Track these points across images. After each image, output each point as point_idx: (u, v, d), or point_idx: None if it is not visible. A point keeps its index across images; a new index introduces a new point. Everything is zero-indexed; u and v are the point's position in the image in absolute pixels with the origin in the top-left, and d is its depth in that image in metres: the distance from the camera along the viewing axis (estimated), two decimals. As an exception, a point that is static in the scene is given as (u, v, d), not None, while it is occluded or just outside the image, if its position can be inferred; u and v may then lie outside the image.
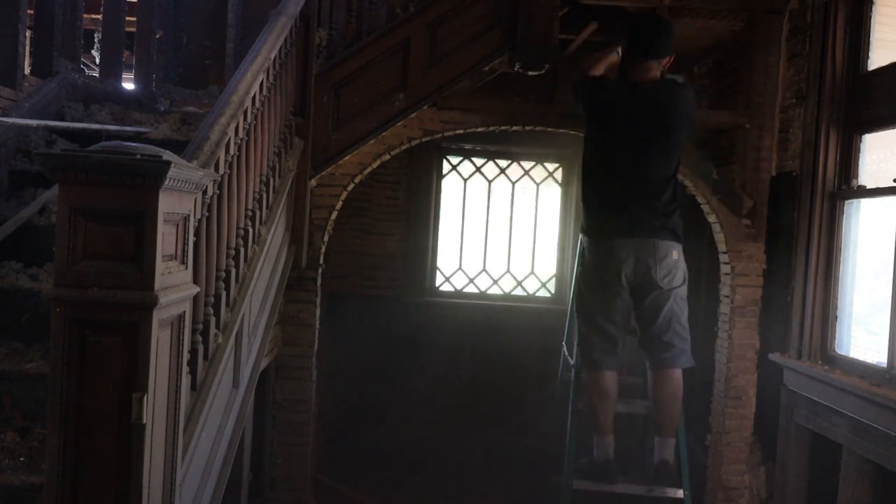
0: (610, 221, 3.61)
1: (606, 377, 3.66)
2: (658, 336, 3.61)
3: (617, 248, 3.55)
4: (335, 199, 4.40)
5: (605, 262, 3.60)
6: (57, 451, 1.75)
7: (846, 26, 3.94)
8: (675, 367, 3.62)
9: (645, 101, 3.55)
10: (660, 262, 3.52)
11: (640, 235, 3.53)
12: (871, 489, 3.58)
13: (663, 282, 3.54)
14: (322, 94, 3.94)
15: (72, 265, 1.74)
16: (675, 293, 3.59)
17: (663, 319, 3.59)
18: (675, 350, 3.61)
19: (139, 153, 1.73)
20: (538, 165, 6.46)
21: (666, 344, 3.61)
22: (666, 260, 3.54)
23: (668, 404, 3.64)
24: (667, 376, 3.63)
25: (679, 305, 3.61)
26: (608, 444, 3.68)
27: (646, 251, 3.52)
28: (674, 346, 3.60)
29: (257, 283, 3.14)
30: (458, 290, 6.47)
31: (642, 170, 3.55)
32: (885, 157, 4.21)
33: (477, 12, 4.02)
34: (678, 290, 3.60)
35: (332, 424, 5.63)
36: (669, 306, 3.58)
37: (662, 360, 3.63)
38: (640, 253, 3.53)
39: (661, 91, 3.60)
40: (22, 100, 3.96)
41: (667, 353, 3.61)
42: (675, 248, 3.56)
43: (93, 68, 7.19)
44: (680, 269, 3.60)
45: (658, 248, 3.52)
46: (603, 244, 3.61)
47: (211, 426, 2.51)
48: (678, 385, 3.64)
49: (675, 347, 3.61)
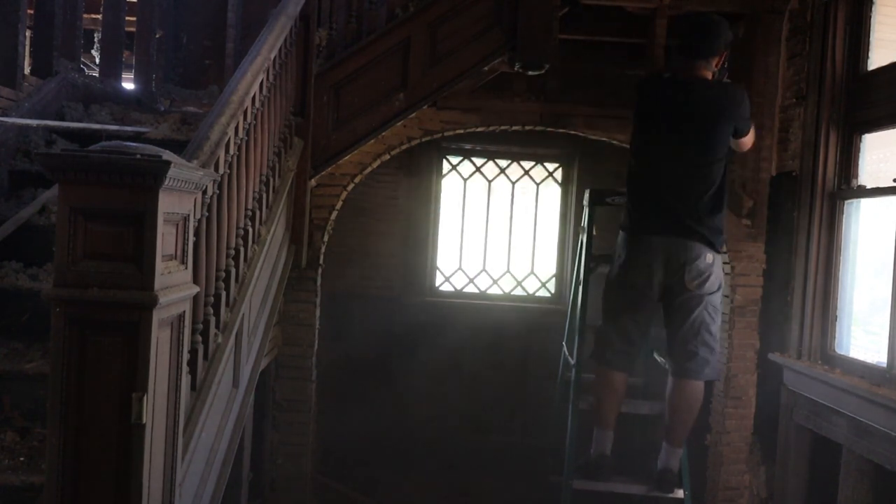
0: (645, 218, 3.51)
1: (616, 376, 3.61)
2: (683, 342, 3.48)
3: (649, 244, 3.46)
4: (335, 199, 4.40)
5: (637, 258, 3.49)
6: (57, 451, 1.75)
7: (846, 26, 3.94)
8: (697, 380, 3.51)
9: (690, 99, 3.46)
10: (691, 262, 3.39)
11: (674, 234, 3.42)
12: (871, 489, 3.58)
13: (692, 284, 3.41)
14: (322, 94, 3.94)
15: (72, 265, 1.74)
16: (707, 300, 3.44)
17: (691, 325, 3.45)
18: (699, 360, 3.47)
19: (139, 153, 1.73)
20: (538, 165, 6.46)
21: (690, 352, 3.47)
22: (698, 262, 3.39)
23: (683, 414, 3.54)
24: (687, 386, 3.52)
25: (711, 314, 3.46)
26: (606, 440, 3.65)
27: (678, 250, 3.41)
28: (698, 355, 3.47)
29: (257, 282, 3.14)
30: (458, 290, 6.46)
31: (681, 169, 3.44)
32: (885, 157, 4.21)
33: (477, 12, 4.02)
34: (711, 297, 3.45)
35: (332, 424, 5.63)
36: (699, 312, 3.44)
37: (685, 370, 3.50)
38: (673, 251, 3.41)
39: (708, 91, 3.48)
40: (22, 100, 3.96)
41: (690, 363, 3.48)
42: (710, 252, 3.42)
43: (93, 68, 7.19)
44: (714, 276, 3.45)
45: (691, 248, 3.39)
46: (636, 240, 3.52)
47: (211, 426, 2.51)
48: (697, 396, 3.53)
49: (699, 357, 3.47)
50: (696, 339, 3.46)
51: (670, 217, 3.43)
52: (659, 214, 3.46)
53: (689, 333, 3.46)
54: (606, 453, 3.65)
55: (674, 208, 3.43)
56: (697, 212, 3.41)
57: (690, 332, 3.46)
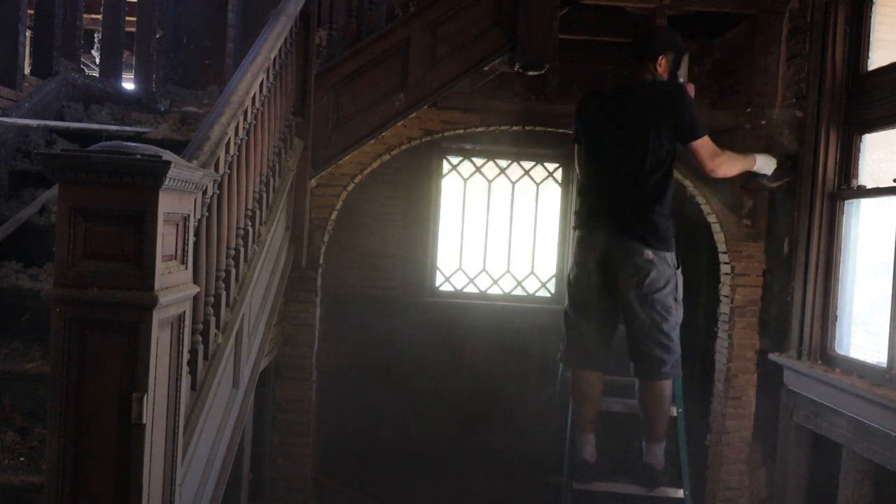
0: (588, 215, 3.60)
1: (583, 377, 3.64)
2: (636, 342, 3.50)
3: (591, 239, 3.54)
4: (335, 199, 4.40)
5: (583, 255, 3.58)
6: (57, 451, 1.75)
7: (846, 26, 3.94)
8: (653, 381, 3.51)
9: (625, 100, 3.56)
10: (628, 258, 3.42)
11: (612, 228, 3.47)
12: (871, 489, 3.58)
13: (631, 281, 3.42)
14: (322, 95, 3.94)
15: (72, 265, 1.74)
16: (654, 298, 3.42)
17: (641, 325, 3.46)
18: (654, 360, 3.47)
19: (139, 153, 1.73)
20: (538, 165, 6.46)
21: (644, 353, 3.48)
22: (635, 258, 3.40)
23: (650, 413, 3.58)
24: (647, 386, 3.55)
25: (661, 313, 3.44)
26: (585, 444, 3.67)
27: (615, 246, 3.46)
28: (651, 356, 3.47)
29: (257, 283, 3.14)
30: (458, 290, 6.46)
31: (619, 175, 3.50)
32: (885, 157, 4.21)
33: (477, 12, 4.02)
34: (657, 295, 3.42)
35: (332, 424, 5.62)
36: (648, 312, 3.43)
37: (641, 371, 3.54)
38: (611, 246, 3.47)
39: (641, 90, 3.56)
40: (22, 100, 3.96)
41: (645, 364, 3.50)
42: (647, 249, 3.41)
43: (93, 68, 7.19)
44: (657, 272, 3.41)
45: (628, 245, 3.42)
46: (581, 236, 3.62)
47: (211, 426, 2.51)
48: (660, 395, 3.53)
49: (654, 357, 3.47)
50: (648, 339, 3.47)
51: (609, 215, 3.50)
52: (600, 213, 3.54)
53: (640, 333, 3.48)
54: (587, 458, 3.65)
55: (612, 208, 3.50)
56: (635, 214, 3.45)
57: (641, 331, 3.48)
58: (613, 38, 5.00)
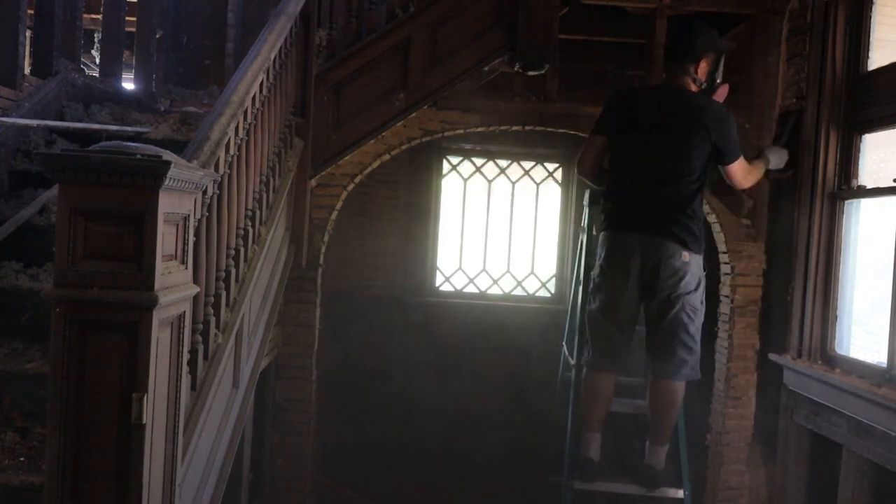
0: (622, 218, 3.54)
1: (599, 377, 3.62)
2: (661, 342, 3.50)
3: (625, 242, 3.49)
4: (335, 199, 4.40)
5: (614, 257, 3.52)
6: (57, 451, 1.75)
7: (846, 26, 3.93)
8: (674, 380, 3.52)
9: (671, 109, 3.47)
10: (665, 260, 3.41)
11: (648, 232, 3.44)
12: (871, 489, 3.58)
13: (667, 283, 3.42)
14: (322, 94, 3.95)
15: (72, 265, 1.74)
16: (684, 300, 3.44)
17: (668, 325, 3.46)
18: (676, 360, 3.48)
19: (139, 153, 1.73)
20: (538, 165, 6.46)
21: (668, 353, 3.48)
22: (672, 260, 3.41)
23: (662, 414, 3.56)
24: (665, 386, 3.53)
25: (689, 314, 3.45)
26: (591, 442, 3.65)
27: (653, 248, 3.43)
28: (675, 356, 3.47)
29: (257, 283, 3.14)
30: (458, 290, 6.46)
31: (656, 176, 3.45)
32: (885, 157, 4.21)
33: (477, 12, 4.02)
34: (688, 297, 3.45)
35: (332, 424, 5.63)
36: (676, 313, 3.44)
37: (662, 371, 3.52)
38: (648, 249, 3.44)
39: (689, 102, 3.47)
40: (22, 100, 3.96)
41: (667, 364, 3.50)
42: (684, 251, 3.42)
43: (93, 68, 7.20)
44: (691, 275, 3.44)
45: (665, 246, 3.41)
46: (613, 237, 3.55)
47: (211, 426, 2.51)
48: (675, 397, 3.54)
49: (677, 358, 3.47)
50: (673, 340, 3.46)
51: (645, 217, 3.46)
52: (635, 215, 3.49)
53: (667, 333, 3.47)
54: (592, 457, 3.64)
55: (648, 210, 3.46)
56: (674, 217, 3.43)
57: (668, 332, 3.47)
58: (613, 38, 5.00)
